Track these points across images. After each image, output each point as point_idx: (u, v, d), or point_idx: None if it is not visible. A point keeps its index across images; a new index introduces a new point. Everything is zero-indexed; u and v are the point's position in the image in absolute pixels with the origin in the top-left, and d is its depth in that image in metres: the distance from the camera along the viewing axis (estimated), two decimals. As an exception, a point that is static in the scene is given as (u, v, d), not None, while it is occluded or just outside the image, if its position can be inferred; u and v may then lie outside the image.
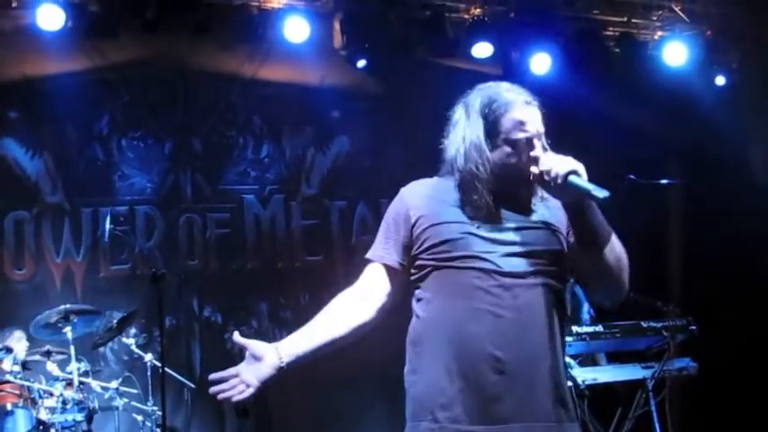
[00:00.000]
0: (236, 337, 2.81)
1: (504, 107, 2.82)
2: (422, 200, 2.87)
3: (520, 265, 2.73)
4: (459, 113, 2.91)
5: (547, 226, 2.84)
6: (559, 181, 2.64)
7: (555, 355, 2.77)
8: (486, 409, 2.65)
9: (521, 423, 2.64)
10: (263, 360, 2.74)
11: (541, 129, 2.82)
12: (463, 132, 2.86)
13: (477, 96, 2.89)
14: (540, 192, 2.85)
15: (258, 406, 7.54)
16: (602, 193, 2.58)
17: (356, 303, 2.87)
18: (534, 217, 2.85)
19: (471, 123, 2.85)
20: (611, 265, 2.75)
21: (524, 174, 2.77)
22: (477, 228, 2.77)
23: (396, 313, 2.91)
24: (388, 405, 2.72)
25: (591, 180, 2.62)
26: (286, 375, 2.75)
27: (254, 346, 2.76)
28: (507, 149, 2.80)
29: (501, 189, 2.82)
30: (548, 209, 2.88)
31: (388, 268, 2.89)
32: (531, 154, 2.76)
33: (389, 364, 2.93)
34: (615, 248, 2.75)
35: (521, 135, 2.78)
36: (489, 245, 2.75)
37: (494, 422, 2.64)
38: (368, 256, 2.93)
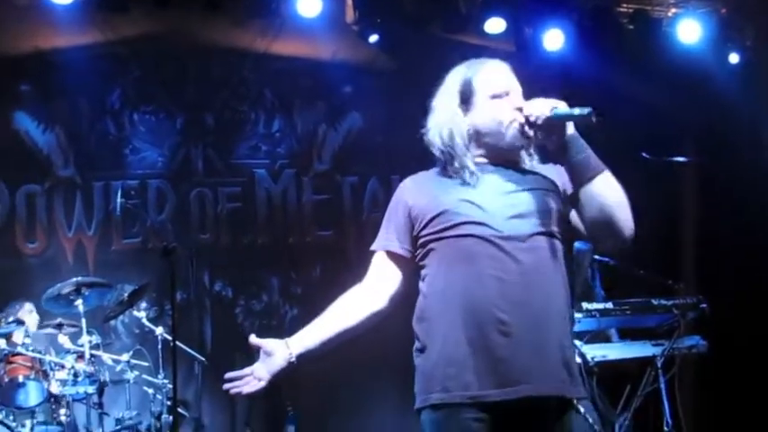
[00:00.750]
0: (252, 339, 2.85)
1: (476, 72, 2.93)
2: (418, 188, 2.92)
3: (519, 227, 2.73)
4: (435, 100, 2.98)
5: (541, 186, 2.85)
6: (545, 116, 2.72)
7: (561, 315, 2.78)
8: (495, 372, 2.64)
9: (530, 384, 2.63)
10: (274, 356, 2.80)
11: (516, 85, 2.91)
12: (438, 115, 2.94)
13: (450, 77, 2.98)
14: (530, 156, 2.93)
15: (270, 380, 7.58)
16: (585, 110, 2.68)
17: (364, 294, 2.90)
18: (527, 179, 2.86)
19: (445, 102, 2.94)
20: (610, 198, 2.74)
21: (509, 134, 2.83)
22: (473, 196, 2.79)
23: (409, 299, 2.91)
24: (396, 382, 2.73)
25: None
26: (297, 369, 2.81)
27: (266, 344, 2.82)
28: (487, 109, 2.87)
29: (491, 156, 2.89)
30: (539, 170, 2.92)
31: (393, 255, 2.91)
32: (515, 105, 2.82)
33: (400, 344, 2.92)
34: (611, 181, 2.75)
35: (498, 90, 2.87)
36: (486, 211, 2.75)
37: (503, 385, 2.63)
38: (372, 247, 2.97)
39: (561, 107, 2.73)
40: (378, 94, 8.33)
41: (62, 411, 6.36)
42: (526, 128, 2.80)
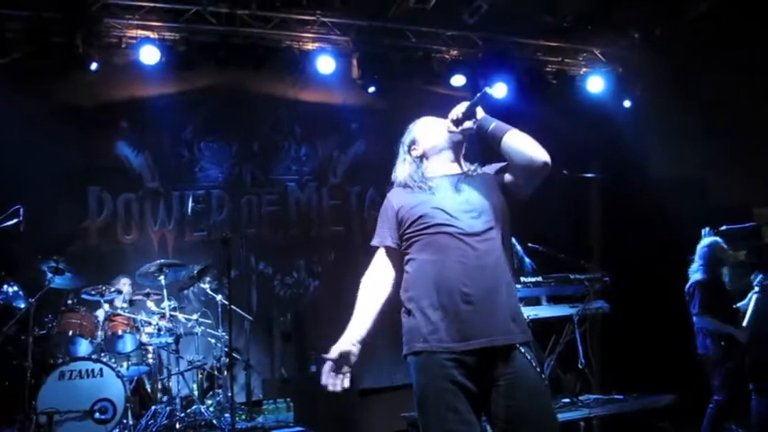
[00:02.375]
0: (330, 356, 2.78)
1: (414, 125, 3.10)
2: (402, 199, 2.93)
3: (475, 225, 2.76)
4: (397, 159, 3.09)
5: (485, 186, 2.87)
6: (463, 110, 2.86)
7: (508, 286, 2.77)
8: (461, 330, 2.64)
9: (486, 338, 2.63)
10: (349, 354, 2.78)
11: (435, 122, 3.04)
12: (398, 165, 3.06)
13: (403, 137, 3.10)
14: (471, 165, 2.99)
15: (297, 332, 7.50)
16: (483, 91, 2.88)
17: (379, 284, 2.89)
18: (474, 183, 2.89)
19: (400, 156, 3.07)
20: (522, 142, 2.77)
21: (445, 137, 2.94)
22: (440, 203, 2.81)
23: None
24: (390, 334, 2.71)
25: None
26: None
27: (339, 351, 2.78)
28: (427, 136, 3.00)
29: (444, 164, 2.96)
30: (481, 175, 2.95)
31: (389, 249, 2.92)
32: (447, 119, 2.94)
33: (392, 307, 2.87)
34: (519, 134, 2.79)
35: (430, 124, 3.05)
36: (451, 214, 2.78)
37: (466, 339, 2.63)
38: (373, 243, 2.97)
39: (468, 103, 2.88)
40: (375, 128, 8.29)
41: (149, 356, 6.32)
42: (454, 126, 2.90)
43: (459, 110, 2.89)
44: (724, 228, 6.87)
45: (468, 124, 2.87)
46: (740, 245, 6.90)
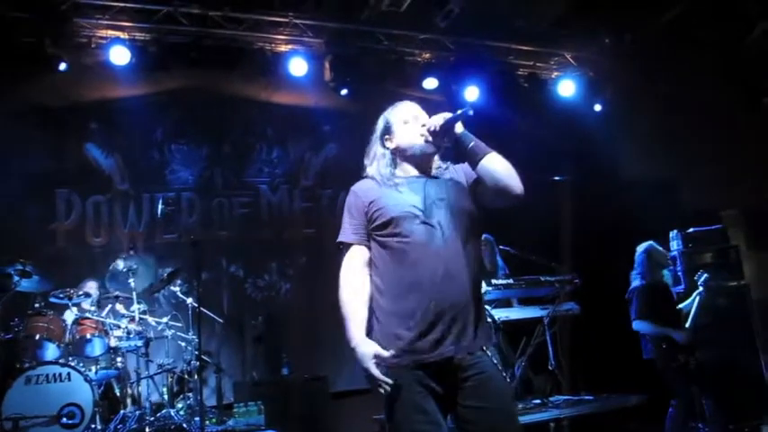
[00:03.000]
0: (384, 381, 2.65)
1: (391, 111, 2.98)
2: (370, 194, 2.85)
3: (447, 229, 2.71)
4: (369, 146, 3.00)
5: (456, 188, 2.84)
6: (440, 123, 2.76)
7: (476, 291, 2.76)
8: (430, 339, 2.63)
9: (454, 346, 2.64)
10: (377, 353, 2.64)
11: (422, 113, 2.93)
12: (370, 155, 2.98)
13: (377, 123, 3.01)
14: (443, 164, 2.93)
15: (269, 335, 7.46)
16: (463, 109, 2.76)
17: (362, 282, 2.81)
18: (446, 184, 2.86)
19: (373, 144, 2.98)
20: (499, 168, 2.71)
21: (420, 144, 2.85)
22: (412, 202, 2.76)
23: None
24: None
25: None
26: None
27: (375, 350, 2.66)
28: (402, 132, 2.90)
29: (415, 166, 2.90)
30: (452, 175, 2.91)
31: (361, 245, 2.85)
32: (421, 124, 2.85)
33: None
34: (498, 158, 2.74)
35: (406, 117, 2.92)
36: (423, 217, 2.73)
37: (435, 348, 2.64)
38: (342, 239, 2.88)
39: (449, 115, 2.77)
40: (347, 131, 8.30)
41: (118, 359, 6.25)
42: (430, 136, 2.81)
43: (437, 121, 2.79)
44: (691, 230, 6.98)
45: (445, 138, 2.81)
46: (707, 247, 7.01)
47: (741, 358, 6.45)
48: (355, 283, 2.79)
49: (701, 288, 5.95)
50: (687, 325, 5.79)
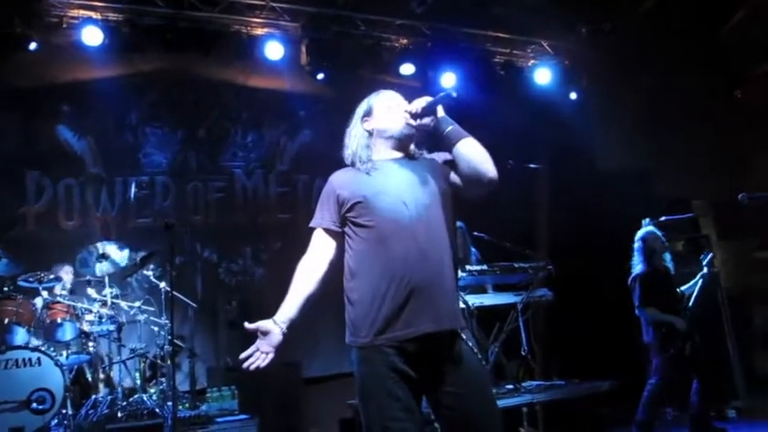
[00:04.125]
0: (247, 325, 2.74)
1: (374, 97, 2.99)
2: (343, 181, 2.86)
3: (421, 211, 2.71)
4: (349, 128, 2.99)
5: (432, 172, 2.82)
6: (424, 106, 2.80)
7: (450, 273, 2.74)
8: (403, 319, 2.62)
9: (429, 324, 2.62)
10: (270, 333, 2.71)
11: (403, 102, 2.93)
12: (349, 137, 2.96)
13: (358, 108, 3.00)
14: (419, 150, 2.94)
15: (242, 319, 7.41)
16: (445, 92, 2.82)
17: (315, 265, 2.82)
18: (421, 167, 2.85)
19: (353, 126, 2.97)
20: (474, 153, 2.73)
21: (400, 125, 2.86)
22: (384, 186, 2.76)
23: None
24: (334, 315, 2.74)
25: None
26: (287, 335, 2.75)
27: (260, 326, 2.72)
28: (384, 114, 2.91)
29: (393, 147, 2.90)
30: (428, 160, 2.92)
31: (328, 230, 2.85)
32: (404, 109, 2.87)
33: (335, 286, 2.84)
34: (474, 143, 2.75)
35: (390, 103, 2.93)
36: (396, 198, 2.72)
37: (409, 327, 2.62)
38: (311, 224, 2.90)
39: (430, 99, 2.82)
40: (323, 116, 8.24)
41: (90, 344, 6.20)
42: (411, 119, 2.84)
43: (419, 104, 2.82)
44: (663, 218, 7.05)
45: (425, 120, 2.82)
46: (679, 236, 7.09)
47: (711, 345, 6.56)
48: (305, 266, 2.81)
49: (705, 269, 6.01)
50: (690, 305, 5.87)
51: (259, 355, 2.70)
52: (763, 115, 9.43)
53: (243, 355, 2.72)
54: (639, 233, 6.01)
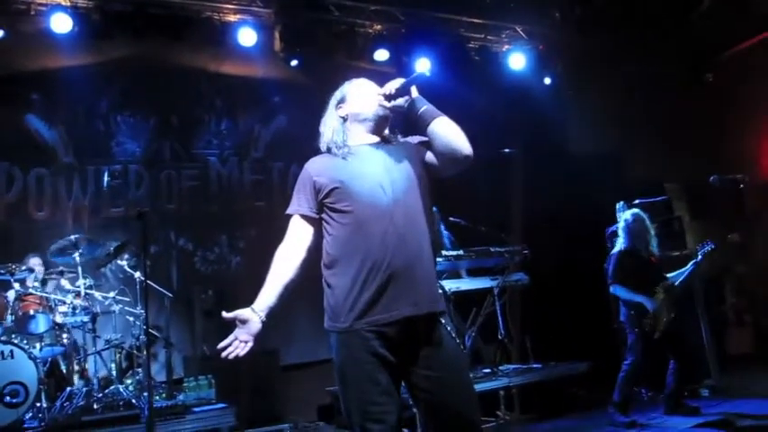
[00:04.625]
0: (225, 314, 2.73)
1: (348, 85, 2.99)
2: (319, 167, 2.85)
3: (397, 195, 2.71)
4: (324, 116, 2.98)
5: (408, 156, 2.83)
6: (398, 87, 2.81)
7: (428, 257, 2.75)
8: (382, 303, 2.62)
9: (408, 308, 2.62)
10: (249, 321, 2.70)
11: (374, 85, 2.94)
12: (324, 124, 2.95)
13: (333, 96, 3.00)
14: (394, 135, 2.95)
15: (219, 308, 7.36)
16: (420, 72, 2.88)
17: (293, 252, 2.81)
18: (397, 151, 2.85)
19: (328, 114, 2.96)
20: (449, 131, 2.74)
21: (374, 108, 2.87)
22: (361, 171, 2.76)
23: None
24: (311, 301, 2.76)
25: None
26: (266, 323, 2.73)
27: (238, 314, 2.71)
28: (357, 98, 2.92)
29: (368, 131, 2.90)
30: (403, 144, 2.92)
31: (305, 217, 2.84)
32: (378, 92, 2.88)
33: (315, 278, 2.82)
34: (447, 121, 2.76)
35: (364, 89, 2.94)
36: (373, 182, 2.73)
37: (389, 311, 2.62)
38: (288, 211, 2.88)
39: (403, 80, 2.83)
40: (297, 103, 8.18)
41: (64, 336, 6.13)
42: (384, 100, 2.85)
43: (393, 85, 2.83)
44: (637, 201, 7.13)
45: (399, 101, 2.83)
46: (652, 218, 7.17)
47: (684, 325, 6.65)
48: (283, 253, 2.80)
49: (699, 257, 6.06)
50: (677, 284, 5.94)
51: (238, 344, 2.69)
52: (733, 98, 9.56)
53: (221, 345, 2.70)
54: (626, 213, 6.07)
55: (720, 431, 5.19)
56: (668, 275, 6.03)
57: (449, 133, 2.73)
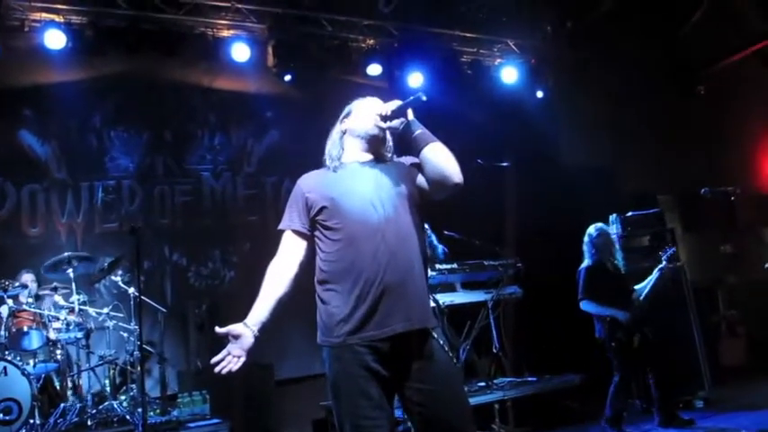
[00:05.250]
0: (218, 329, 2.76)
1: (355, 102, 3.03)
2: (311, 183, 2.90)
3: (389, 212, 2.75)
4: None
5: (401, 175, 2.87)
6: (394, 108, 2.84)
7: (420, 272, 2.79)
8: (375, 319, 2.66)
9: (401, 323, 2.66)
10: (242, 336, 2.73)
11: (376, 104, 2.96)
12: (330, 134, 3.01)
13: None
14: (389, 154, 2.98)
15: (213, 322, 7.37)
16: (416, 95, 2.84)
17: (285, 267, 2.84)
18: (391, 170, 2.89)
19: (332, 131, 3.02)
20: (441, 157, 2.77)
21: (370, 127, 2.90)
22: (354, 188, 2.80)
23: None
24: (304, 315, 2.81)
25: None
26: (259, 338, 2.77)
27: (231, 329, 2.74)
28: (357, 117, 2.95)
29: (363, 149, 2.93)
30: (395, 163, 2.97)
31: (297, 233, 2.88)
32: (375, 112, 2.90)
33: (309, 293, 2.86)
34: (441, 147, 2.79)
35: (370, 106, 2.96)
36: (365, 200, 2.76)
37: (382, 327, 2.66)
38: (280, 227, 2.92)
39: (400, 102, 2.86)
40: (290, 118, 8.22)
41: (58, 352, 6.16)
42: (381, 121, 2.88)
43: (389, 107, 2.87)
44: (630, 214, 7.19)
45: (395, 122, 2.86)
46: (645, 230, 7.23)
47: (677, 336, 6.70)
48: (275, 268, 2.84)
49: (663, 263, 6.11)
50: (641, 297, 5.97)
51: (231, 359, 2.72)
52: (725, 110, 9.65)
53: (214, 360, 2.73)
54: (590, 228, 6.12)
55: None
56: (635, 287, 6.06)
57: (441, 160, 2.76)
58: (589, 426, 6.06)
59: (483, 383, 6.51)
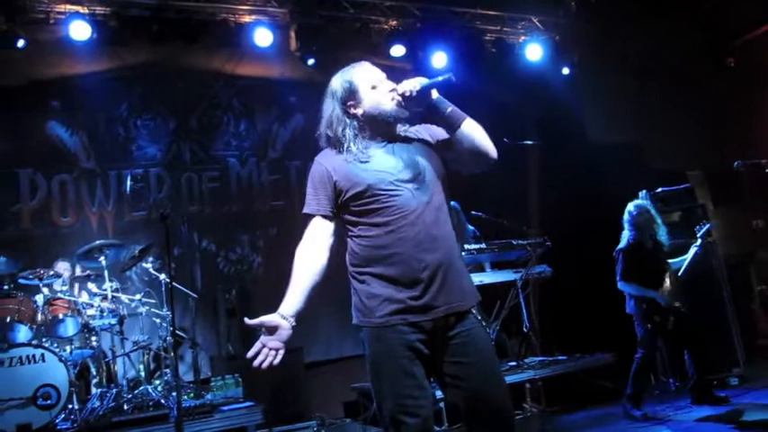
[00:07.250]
0: (248, 321, 2.67)
1: (352, 75, 2.89)
2: (338, 167, 2.80)
3: (422, 192, 2.72)
4: (323, 106, 2.93)
5: (423, 151, 2.83)
6: (417, 89, 2.74)
7: (457, 251, 2.80)
8: (420, 300, 2.63)
9: (445, 306, 2.65)
10: (279, 328, 2.64)
11: (383, 75, 2.87)
12: (326, 117, 2.89)
13: (331, 85, 2.93)
14: (404, 128, 2.88)
15: (242, 307, 7.48)
16: (446, 75, 2.73)
17: (316, 253, 2.77)
18: (413, 148, 2.84)
19: (330, 106, 2.89)
20: (475, 134, 2.74)
21: (392, 110, 2.79)
22: (383, 171, 2.74)
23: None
24: (334, 300, 2.83)
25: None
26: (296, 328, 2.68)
27: (265, 321, 2.65)
28: (371, 98, 2.82)
29: (383, 132, 2.84)
30: (417, 136, 2.90)
31: (325, 217, 2.81)
32: (390, 88, 2.81)
33: (338, 277, 2.85)
34: (474, 124, 2.75)
35: (374, 82, 2.84)
36: (397, 182, 2.72)
37: (425, 310, 2.64)
38: (307, 211, 2.83)
39: (425, 80, 2.76)
40: (314, 101, 8.14)
41: (93, 338, 6.26)
42: (403, 102, 2.78)
43: (410, 85, 2.76)
44: (660, 190, 7.11)
45: (415, 101, 2.77)
46: (675, 206, 7.15)
47: (711, 313, 6.64)
48: (306, 255, 2.75)
49: (699, 240, 6.05)
50: (680, 274, 5.93)
51: (268, 352, 2.63)
52: (755, 82, 9.48)
53: (250, 354, 2.65)
54: (630, 205, 6.04)
55: (726, 425, 5.15)
56: (671, 261, 6.00)
57: (478, 136, 2.73)
58: (621, 404, 6.04)
59: (513, 363, 6.52)
